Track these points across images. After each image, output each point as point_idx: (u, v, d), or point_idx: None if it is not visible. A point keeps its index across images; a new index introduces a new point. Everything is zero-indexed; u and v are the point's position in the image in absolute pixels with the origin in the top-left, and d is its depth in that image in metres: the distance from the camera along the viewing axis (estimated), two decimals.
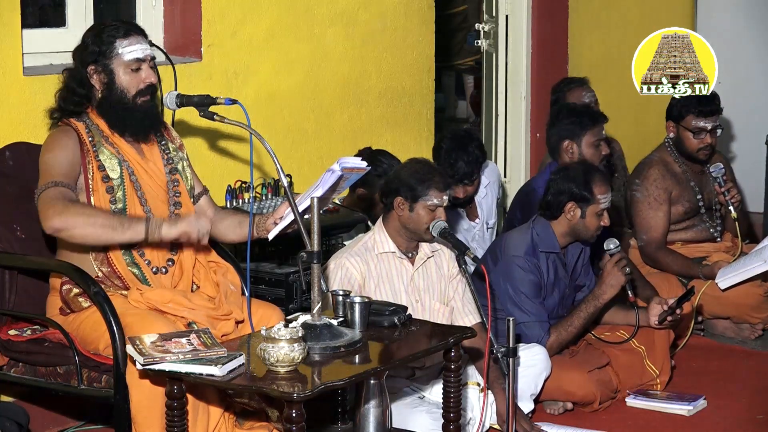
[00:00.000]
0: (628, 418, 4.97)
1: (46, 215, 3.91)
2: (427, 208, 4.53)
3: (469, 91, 10.03)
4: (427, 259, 4.70)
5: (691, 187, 6.12)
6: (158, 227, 3.94)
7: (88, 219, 3.90)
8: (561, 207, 5.00)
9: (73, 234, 3.92)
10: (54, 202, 3.91)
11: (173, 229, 3.94)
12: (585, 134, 5.60)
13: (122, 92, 4.08)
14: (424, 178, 4.55)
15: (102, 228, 3.91)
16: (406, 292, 4.63)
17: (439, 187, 4.55)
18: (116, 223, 3.93)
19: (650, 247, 6.02)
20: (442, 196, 4.55)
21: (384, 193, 4.65)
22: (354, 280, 4.51)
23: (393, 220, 4.61)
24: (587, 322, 5.06)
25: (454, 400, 4.03)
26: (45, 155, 4.06)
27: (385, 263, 4.62)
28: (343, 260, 4.56)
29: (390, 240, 4.62)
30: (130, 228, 3.93)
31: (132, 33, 4.11)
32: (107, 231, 3.92)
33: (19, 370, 4.19)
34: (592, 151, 5.60)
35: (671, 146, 6.15)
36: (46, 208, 3.92)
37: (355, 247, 4.63)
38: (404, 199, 4.55)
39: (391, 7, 6.03)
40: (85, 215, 3.91)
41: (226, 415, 4.02)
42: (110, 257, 4.03)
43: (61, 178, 3.98)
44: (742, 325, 5.99)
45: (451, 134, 5.63)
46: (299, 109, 5.62)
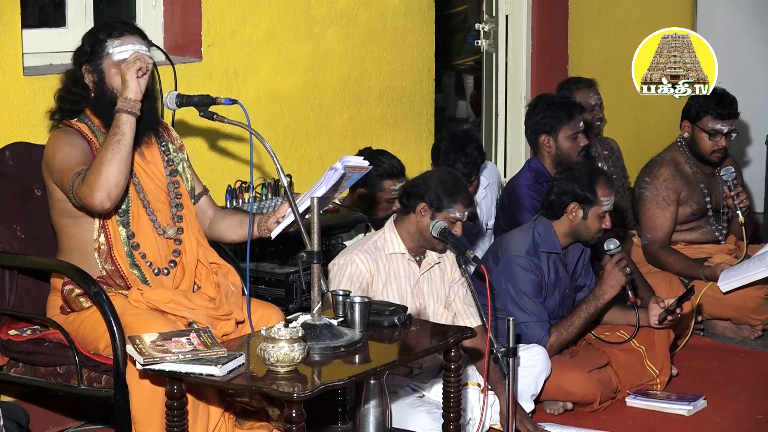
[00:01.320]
0: (628, 418, 4.97)
1: (91, 203, 3.89)
2: (448, 220, 4.54)
3: (469, 91, 10.03)
4: (434, 264, 4.71)
5: (701, 189, 6.11)
6: (125, 100, 3.94)
7: (105, 164, 3.87)
8: (563, 207, 5.00)
9: (116, 183, 3.89)
10: (83, 187, 3.90)
11: (129, 86, 3.94)
12: (561, 128, 5.62)
13: (112, 92, 4.05)
14: (452, 191, 4.57)
15: (115, 154, 3.88)
16: (411, 294, 4.64)
17: (465, 203, 4.58)
18: (113, 142, 3.90)
19: (653, 246, 6.02)
20: (465, 212, 4.57)
21: (407, 195, 4.64)
22: (362, 278, 4.52)
23: (408, 224, 4.61)
24: (587, 322, 5.06)
25: (454, 400, 4.03)
26: (56, 156, 4.03)
27: (393, 264, 4.62)
28: (353, 256, 4.56)
29: (401, 241, 4.63)
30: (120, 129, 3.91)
31: (126, 33, 4.08)
32: (118, 151, 3.89)
33: (19, 370, 4.19)
34: (569, 144, 5.62)
35: (683, 146, 6.14)
36: (84, 197, 3.89)
37: (365, 244, 4.63)
38: (428, 206, 4.56)
39: (391, 7, 6.03)
40: (100, 166, 3.87)
41: (226, 415, 4.02)
42: (114, 255, 4.03)
43: (82, 167, 3.96)
44: (742, 325, 5.99)
45: (450, 135, 5.62)
46: (299, 109, 5.62)
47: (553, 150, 5.62)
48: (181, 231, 4.17)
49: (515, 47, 7.19)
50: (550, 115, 5.64)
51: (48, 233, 4.23)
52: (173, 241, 4.15)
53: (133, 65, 3.97)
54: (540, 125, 5.66)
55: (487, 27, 7.23)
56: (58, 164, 4.01)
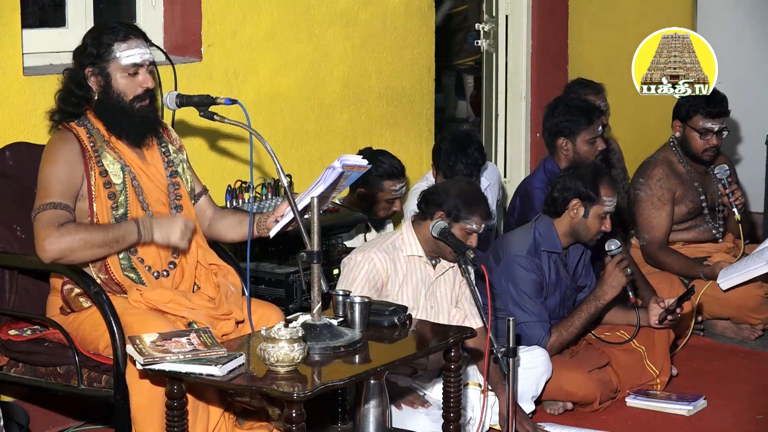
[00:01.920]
0: (628, 418, 4.97)
1: (42, 245, 3.90)
2: (464, 231, 4.54)
3: (469, 91, 10.02)
4: (449, 268, 4.71)
5: (695, 188, 6.12)
6: (149, 229, 3.98)
7: (83, 242, 3.90)
8: (565, 203, 5.00)
9: (72, 259, 3.94)
10: (48, 229, 3.90)
11: (162, 241, 4.00)
12: (580, 132, 5.60)
13: (119, 96, 4.06)
14: (472, 203, 4.57)
15: (99, 248, 3.94)
16: (425, 297, 4.64)
17: (483, 216, 4.58)
18: (111, 239, 3.95)
19: (652, 247, 6.02)
20: (482, 224, 4.57)
21: (426, 201, 4.64)
22: (378, 277, 4.52)
23: (425, 229, 4.61)
24: (588, 322, 5.06)
25: (454, 400, 4.03)
26: (45, 168, 4.03)
27: (411, 265, 4.63)
28: (372, 254, 4.55)
29: (419, 244, 4.63)
30: (124, 240, 3.97)
31: (131, 37, 4.08)
32: (104, 249, 3.95)
33: (19, 370, 4.19)
34: (587, 148, 5.60)
35: (676, 146, 6.14)
36: (41, 235, 3.91)
37: (384, 243, 4.62)
38: (446, 215, 4.55)
39: (391, 7, 6.03)
40: (79, 239, 3.90)
41: (226, 415, 4.02)
42: (108, 265, 4.03)
43: (58, 198, 3.96)
44: (742, 325, 5.99)
45: (451, 136, 5.58)
46: (299, 109, 5.62)
47: (570, 153, 5.59)
48: None
49: (515, 47, 7.19)
50: (570, 118, 5.61)
51: None
52: None
53: (184, 242, 4.03)
54: (559, 128, 5.63)
55: (487, 27, 7.23)
56: (42, 177, 4.02)
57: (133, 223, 3.99)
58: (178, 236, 4.00)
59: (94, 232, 3.94)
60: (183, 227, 4.02)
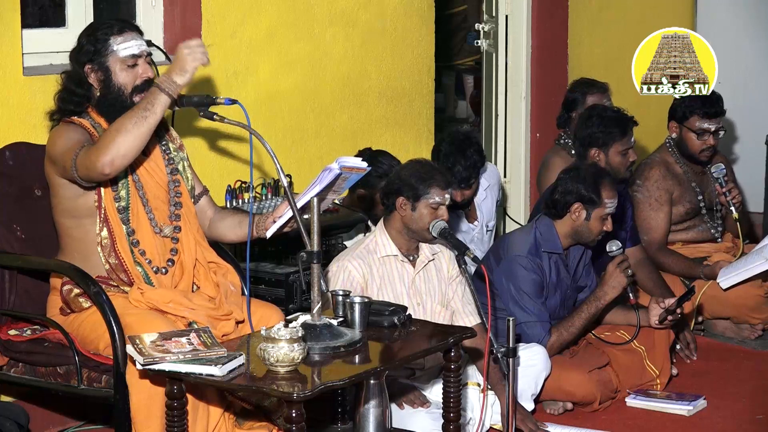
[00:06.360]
0: (628, 418, 4.97)
1: (94, 166, 3.85)
2: (429, 207, 4.53)
3: (469, 91, 10.02)
4: (428, 262, 4.70)
5: (692, 188, 6.12)
6: (171, 82, 3.91)
7: (119, 132, 3.84)
8: (567, 207, 5.00)
9: (124, 154, 3.85)
10: (89, 152, 3.87)
11: (186, 75, 3.92)
12: (614, 144, 5.56)
13: (120, 89, 4.06)
14: (425, 177, 4.56)
15: (135, 127, 3.85)
16: (407, 295, 4.63)
17: (441, 185, 4.56)
18: (139, 110, 3.88)
19: (651, 248, 6.02)
20: (444, 194, 4.55)
21: (385, 194, 4.65)
22: (356, 283, 4.51)
23: (395, 221, 4.61)
24: (588, 322, 5.06)
25: (454, 400, 4.03)
26: (57, 143, 4.01)
27: (387, 266, 4.62)
28: (345, 263, 4.55)
29: (392, 242, 4.62)
30: (152, 103, 3.88)
31: (126, 30, 4.10)
32: (141, 126, 3.86)
33: (19, 370, 4.19)
34: (620, 159, 5.57)
35: (672, 147, 6.15)
36: (89, 161, 3.86)
37: (356, 249, 4.62)
38: (406, 199, 4.55)
39: (391, 7, 6.03)
40: (114, 131, 3.86)
41: (226, 415, 4.02)
42: (117, 248, 4.02)
43: (85, 146, 3.94)
44: (741, 325, 5.99)
45: (450, 137, 5.56)
46: (299, 109, 5.62)
47: (602, 163, 5.55)
48: (178, 230, 4.16)
49: (515, 47, 7.19)
50: (604, 130, 5.57)
51: (48, 233, 4.23)
52: (170, 240, 4.15)
53: (200, 56, 3.92)
54: (592, 139, 5.58)
55: (487, 27, 7.23)
56: (59, 149, 3.99)
57: (152, 87, 3.94)
58: (192, 58, 3.91)
59: (119, 121, 3.89)
60: (188, 50, 3.94)
